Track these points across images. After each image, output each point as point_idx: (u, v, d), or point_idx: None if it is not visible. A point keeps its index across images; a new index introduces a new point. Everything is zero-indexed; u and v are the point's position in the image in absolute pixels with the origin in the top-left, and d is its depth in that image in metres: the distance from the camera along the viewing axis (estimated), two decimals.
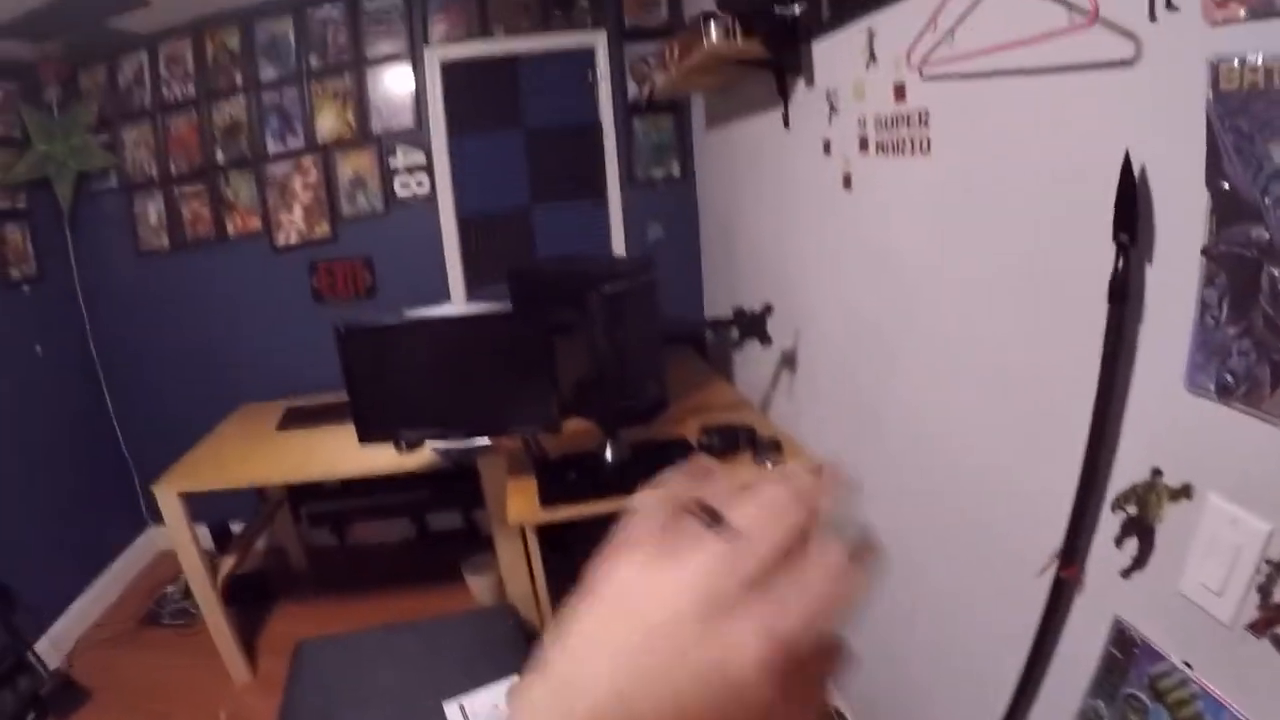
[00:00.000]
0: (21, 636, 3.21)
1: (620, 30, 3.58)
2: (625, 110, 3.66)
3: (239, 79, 3.65)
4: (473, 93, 3.62)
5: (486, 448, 2.77)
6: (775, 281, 2.65)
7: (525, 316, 2.64)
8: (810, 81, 2.14)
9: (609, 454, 2.50)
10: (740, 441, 2.47)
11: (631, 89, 3.64)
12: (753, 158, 2.80)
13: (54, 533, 3.72)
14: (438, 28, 3.52)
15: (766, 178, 2.67)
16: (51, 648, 3.45)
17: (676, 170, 3.76)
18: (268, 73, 3.62)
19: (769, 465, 2.31)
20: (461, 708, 2.21)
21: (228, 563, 3.28)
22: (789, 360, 2.58)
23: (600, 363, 2.44)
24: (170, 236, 3.90)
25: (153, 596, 3.85)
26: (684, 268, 3.80)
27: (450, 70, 3.58)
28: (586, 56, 3.60)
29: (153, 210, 3.89)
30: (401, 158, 3.66)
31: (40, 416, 3.74)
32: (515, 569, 2.78)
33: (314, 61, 3.58)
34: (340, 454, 2.92)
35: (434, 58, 3.54)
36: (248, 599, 3.66)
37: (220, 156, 3.77)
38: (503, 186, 3.73)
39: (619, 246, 3.79)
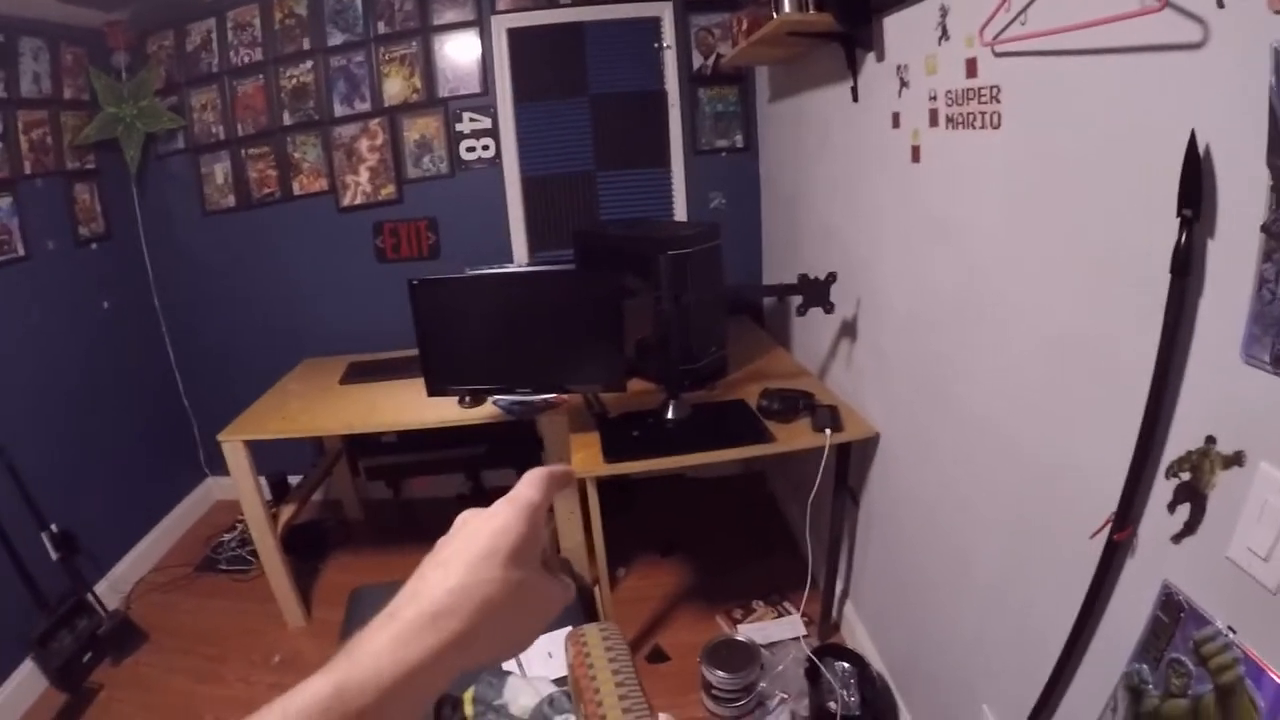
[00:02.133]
0: (82, 579, 3.41)
1: (686, 0, 3.68)
2: (690, 80, 3.77)
3: (306, 44, 3.81)
4: (539, 59, 3.75)
5: (549, 403, 2.90)
6: (839, 251, 2.73)
7: (593, 275, 2.77)
8: (880, 56, 2.20)
9: (670, 413, 2.63)
10: (799, 407, 2.58)
11: (696, 58, 3.74)
12: (819, 130, 2.88)
13: (116, 481, 3.94)
14: None
15: (833, 149, 2.75)
16: (111, 590, 3.68)
17: (740, 140, 3.86)
18: (335, 38, 3.78)
19: (826, 433, 2.45)
20: None
21: (287, 511, 3.48)
22: (849, 329, 2.67)
23: (665, 324, 2.57)
24: (237, 196, 4.10)
25: (209, 544, 4.10)
26: (744, 237, 3.90)
27: (517, 36, 3.70)
28: (652, 25, 3.71)
29: (219, 171, 4.09)
30: (467, 122, 3.80)
31: (105, 369, 3.96)
32: (569, 524, 2.91)
33: (381, 27, 3.72)
34: (402, 407, 3.07)
35: (500, 25, 3.67)
36: (303, 549, 3.86)
37: (287, 119, 3.93)
38: (567, 152, 3.86)
39: (680, 214, 3.92)
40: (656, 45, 3.74)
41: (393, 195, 3.97)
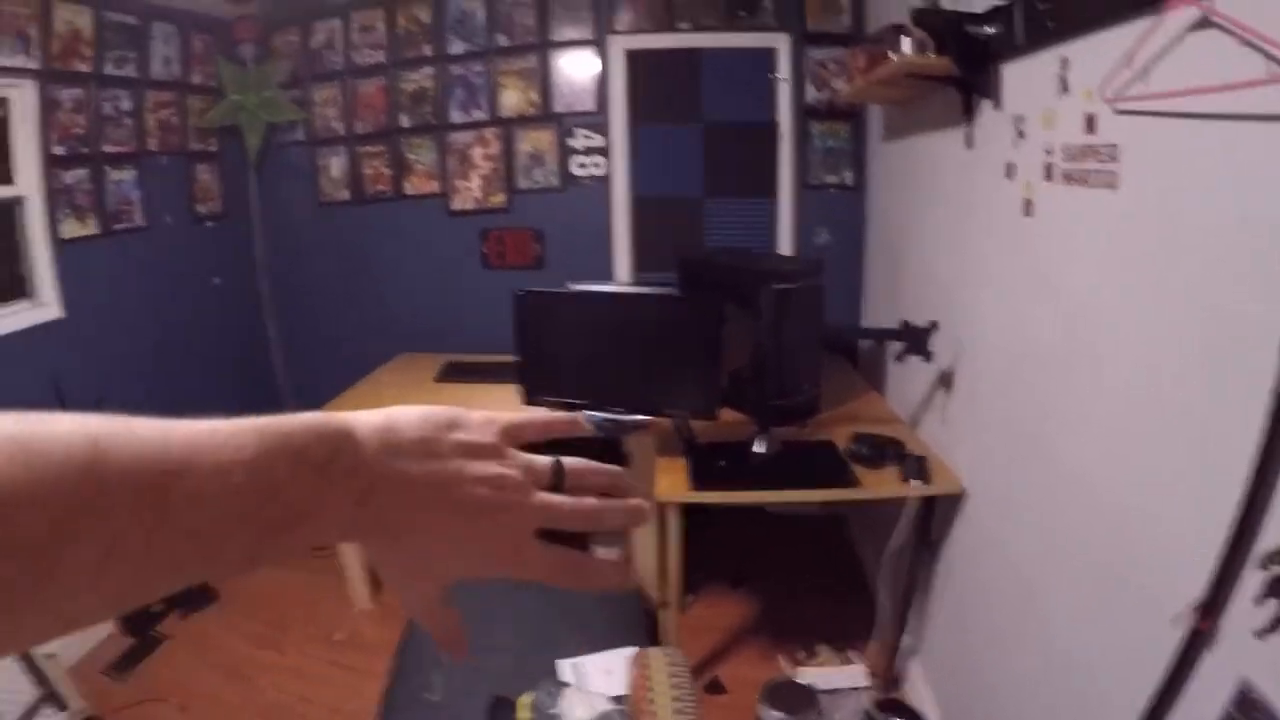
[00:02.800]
0: None
1: (803, 34, 3.69)
2: (803, 113, 3.78)
3: (427, 50, 3.97)
4: (655, 82, 3.83)
5: (641, 424, 2.93)
6: (940, 298, 2.71)
7: (697, 302, 2.78)
8: (998, 104, 2.19)
9: (759, 447, 2.61)
10: (888, 454, 2.56)
11: (810, 92, 3.76)
12: (930, 174, 2.87)
13: None
14: (623, 17, 3.73)
15: (942, 195, 2.73)
16: None
17: (849, 178, 3.85)
18: (455, 47, 3.92)
19: (912, 483, 2.43)
20: (574, 667, 2.33)
21: None
22: (946, 380, 2.64)
23: (763, 357, 2.57)
24: (351, 190, 4.29)
25: None
26: (846, 276, 3.88)
27: (634, 58, 3.79)
28: (768, 56, 3.74)
29: (335, 164, 4.28)
30: (580, 139, 3.90)
31: (208, 341, 4.22)
32: (645, 545, 2.94)
33: (501, 40, 3.85)
34: (493, 411, 3.15)
35: (618, 46, 3.76)
36: None
37: (404, 121, 4.09)
38: (677, 176, 3.92)
39: (785, 247, 3.93)
40: (771, 76, 3.77)
41: (502, 204, 4.09)
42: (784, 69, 3.76)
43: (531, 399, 2.86)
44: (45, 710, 2.83)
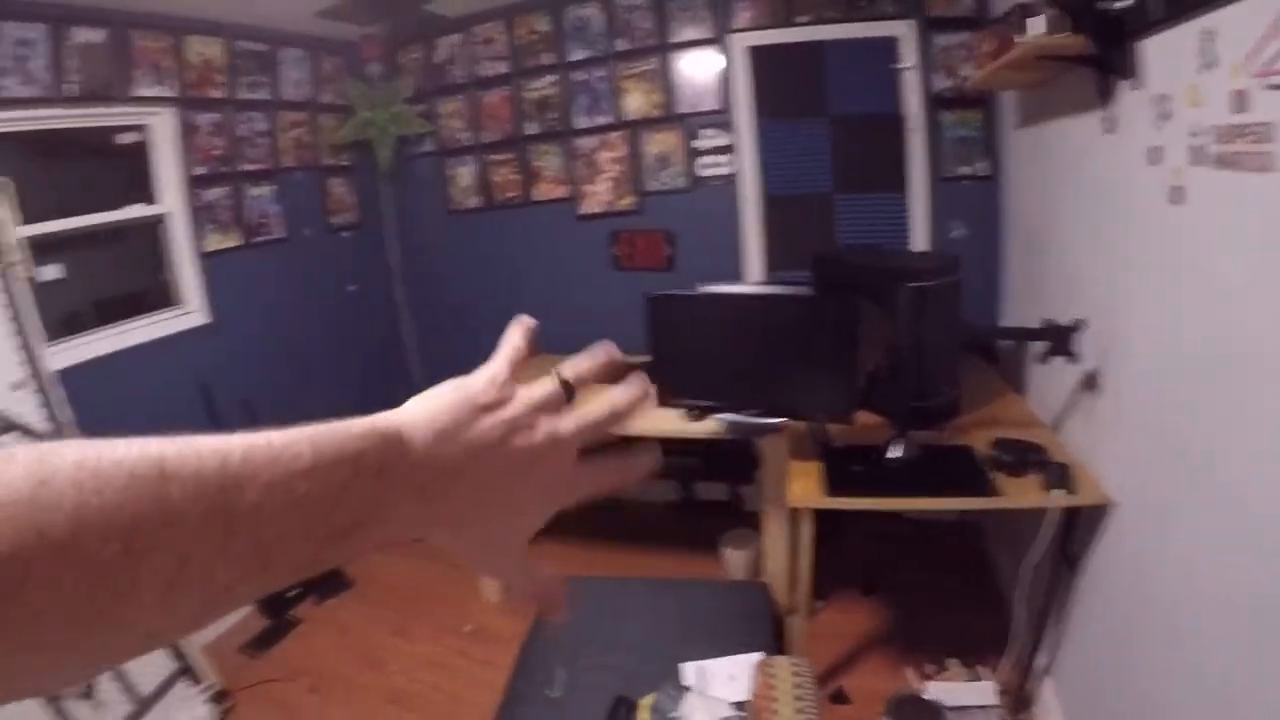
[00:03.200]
0: None
1: (925, 20, 3.55)
2: (932, 102, 3.64)
3: (549, 59, 4.04)
4: (778, 78, 3.77)
5: (773, 427, 2.89)
6: (1085, 296, 2.55)
7: (831, 302, 2.73)
8: (1137, 83, 2.04)
9: (896, 451, 2.49)
10: (1029, 461, 2.43)
11: (938, 80, 3.61)
12: (1068, 162, 2.71)
13: None
14: (742, 14, 3.69)
15: (1082, 184, 2.57)
16: None
17: (983, 168, 3.68)
18: (576, 54, 3.97)
19: (1054, 493, 2.29)
20: (699, 670, 2.33)
21: None
22: (1092, 382, 2.47)
23: (900, 358, 2.51)
24: (480, 198, 4.43)
25: None
26: (983, 272, 3.71)
27: (755, 54, 3.74)
28: (892, 45, 3.61)
29: (464, 174, 4.43)
30: (706, 139, 3.88)
31: (346, 346, 4.47)
32: (775, 548, 2.91)
33: (621, 44, 3.87)
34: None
35: (739, 43, 3.72)
36: None
37: (530, 129, 4.18)
38: (805, 173, 3.85)
39: (918, 243, 3.80)
40: (896, 66, 3.65)
41: (632, 206, 4.12)
42: (909, 57, 3.62)
43: (663, 401, 2.88)
44: (181, 682, 3.04)
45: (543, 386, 0.51)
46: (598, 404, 0.52)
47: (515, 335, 0.56)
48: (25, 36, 3.01)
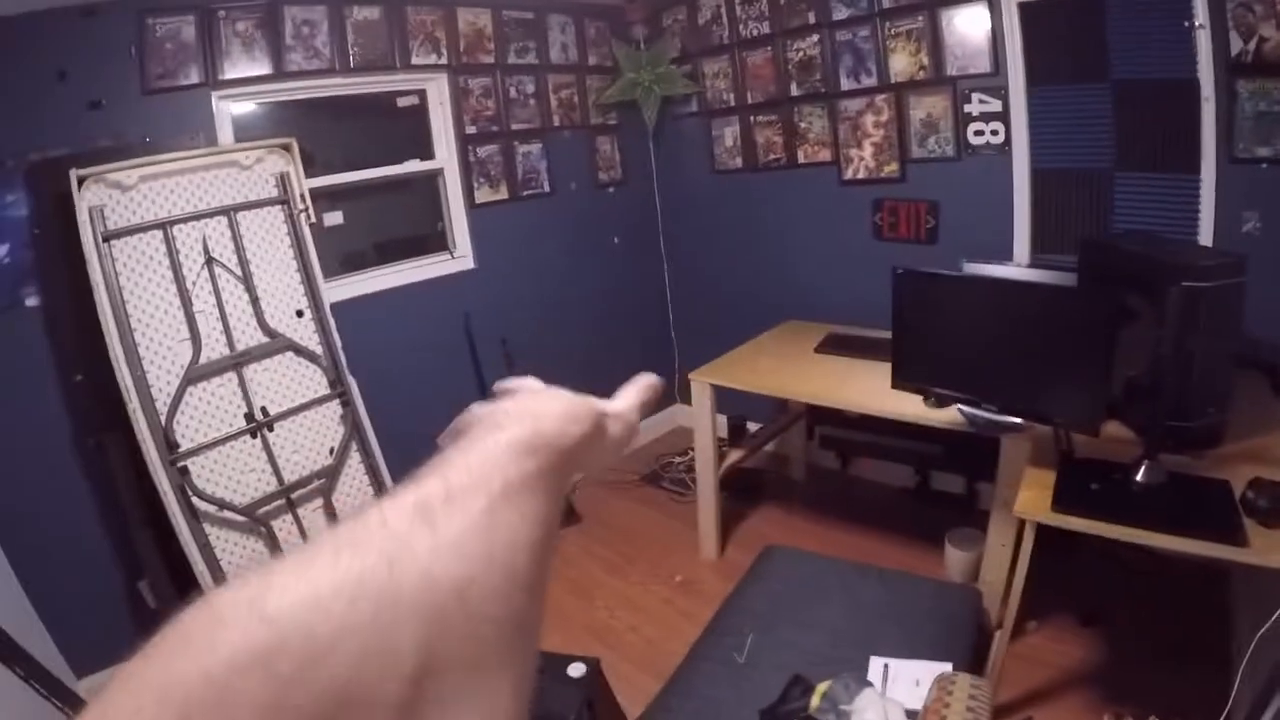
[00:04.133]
0: None
1: None
2: (1227, 69, 2.90)
3: (812, 18, 3.81)
4: (1054, 38, 3.25)
5: (1016, 426, 2.60)
6: None
7: (1091, 296, 2.40)
8: None
9: (1141, 475, 2.18)
10: None
11: (1234, 42, 2.86)
12: None
13: (597, 386, 4.45)
14: None
15: None
16: None
17: None
18: (840, 12, 3.70)
19: None
20: (886, 667, 2.22)
21: (734, 455, 3.70)
22: None
23: (1161, 368, 2.13)
24: (744, 158, 4.32)
25: (659, 461, 4.56)
26: (1276, 275, 2.94)
27: (1029, 10, 3.24)
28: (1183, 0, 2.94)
29: (729, 134, 4.33)
30: (976, 104, 3.46)
31: (608, 293, 4.62)
32: (997, 556, 2.65)
33: (885, 1, 3.55)
34: (867, 389, 2.99)
35: None
36: (740, 492, 4.07)
37: (794, 90, 3.98)
38: (1083, 145, 3.30)
39: (1205, 234, 3.11)
40: (1186, 24, 2.94)
41: (895, 173, 3.81)
42: (1201, 14, 2.90)
43: (901, 382, 2.70)
44: None
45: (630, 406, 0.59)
46: (631, 395, 0.61)
47: (648, 389, 0.62)
48: (308, 17, 3.33)
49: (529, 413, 0.43)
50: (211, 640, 0.25)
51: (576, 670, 2.41)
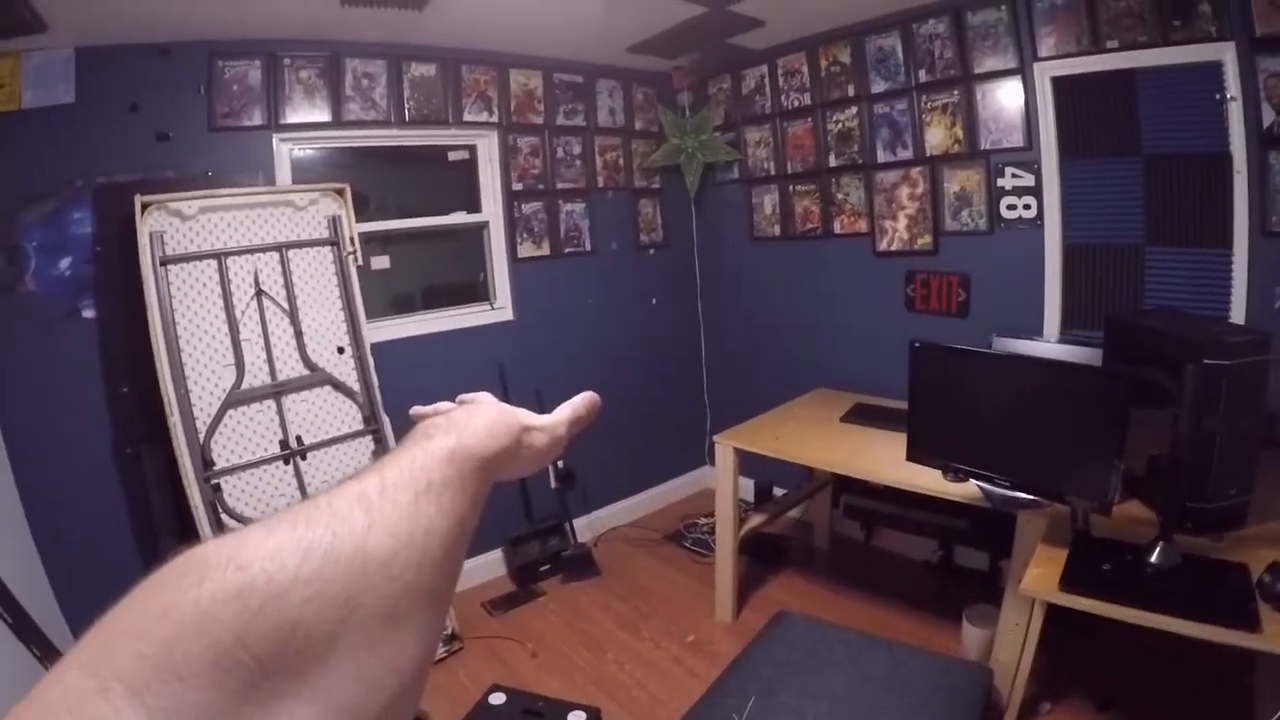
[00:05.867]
0: (567, 509, 4.08)
1: (1251, 39, 2.70)
2: (1260, 140, 2.77)
3: (851, 90, 3.78)
4: (1086, 112, 3.15)
5: (1032, 502, 2.45)
6: None
7: (1109, 374, 2.29)
8: None
9: (1154, 556, 2.04)
10: None
11: (1266, 113, 2.74)
12: None
13: (627, 445, 4.49)
14: (1046, 41, 3.13)
15: None
16: (587, 527, 4.29)
17: None
18: (878, 85, 3.67)
19: None
20: None
21: (755, 519, 3.59)
22: None
23: (1180, 448, 1.99)
24: (782, 227, 4.27)
25: (683, 521, 4.44)
26: None
27: (1062, 85, 3.16)
28: (1213, 72, 2.81)
29: (768, 202, 4.30)
30: (1009, 178, 3.36)
31: (644, 353, 4.56)
32: (1010, 635, 2.47)
33: (922, 75, 3.50)
34: (889, 461, 2.87)
35: (1043, 73, 3.16)
36: (761, 556, 3.97)
37: (833, 160, 3.94)
38: (1115, 220, 3.16)
39: (1237, 311, 2.93)
40: (1218, 97, 2.81)
41: (929, 246, 3.70)
42: (1232, 86, 2.77)
43: (916, 455, 2.60)
44: None
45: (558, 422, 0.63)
46: (564, 411, 0.64)
47: (583, 405, 0.66)
48: (368, 70, 3.42)
49: (458, 425, 0.50)
50: (200, 578, 0.32)
51: (576, 718, 2.32)
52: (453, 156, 3.80)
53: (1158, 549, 2.03)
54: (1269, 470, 2.29)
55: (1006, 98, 3.28)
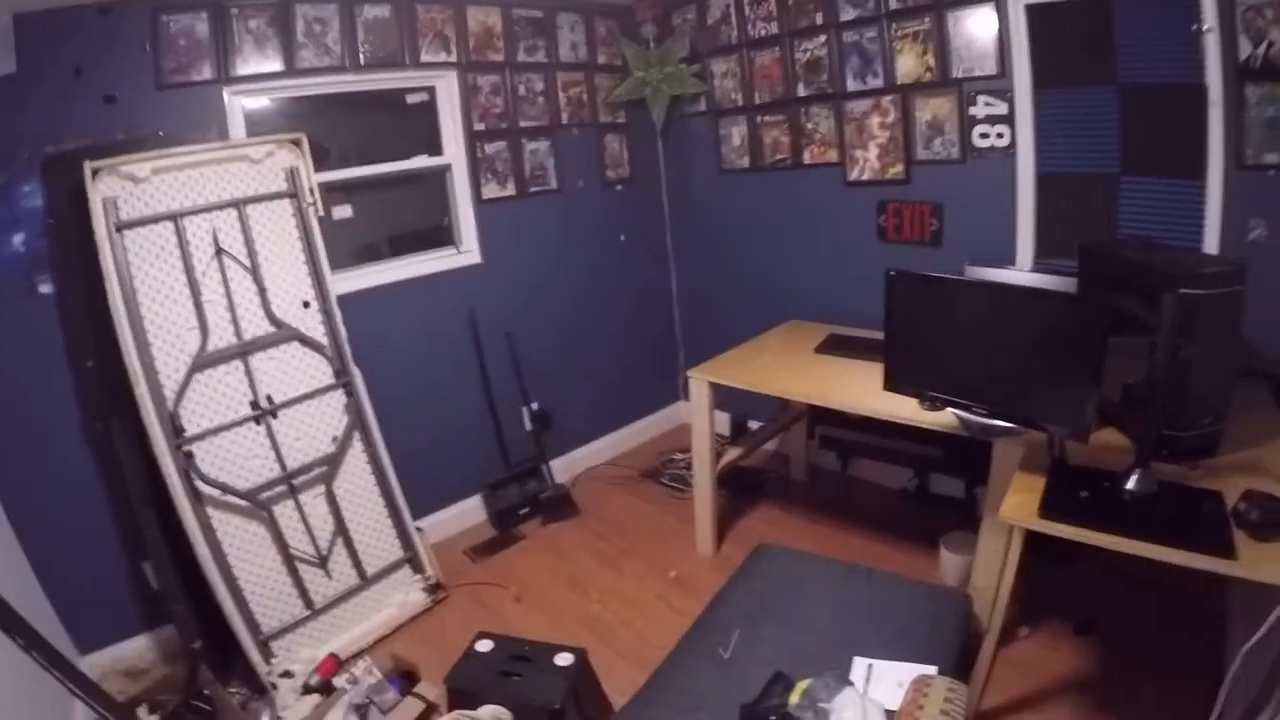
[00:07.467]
0: (544, 452, 4.12)
1: None
2: (1235, 73, 2.74)
3: (819, 19, 3.69)
4: (1061, 40, 3.09)
5: (1009, 431, 2.49)
6: None
7: (1087, 303, 2.29)
8: None
9: (1131, 483, 2.07)
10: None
11: (1244, 46, 2.69)
12: None
13: (600, 383, 4.54)
14: None
15: None
16: (564, 468, 4.32)
17: None
18: (847, 13, 3.58)
19: None
20: (869, 667, 2.15)
21: (732, 453, 3.62)
22: None
23: (1156, 376, 2.01)
24: (751, 158, 4.22)
25: (660, 458, 4.49)
26: None
27: (1036, 13, 3.09)
28: (1191, 1, 2.75)
29: (736, 134, 4.23)
30: (982, 107, 3.32)
31: (614, 290, 4.54)
32: (988, 562, 2.53)
33: (892, 2, 3.42)
34: (865, 390, 2.88)
35: (1017, 0, 3.10)
36: (738, 489, 4.02)
37: (802, 90, 3.87)
38: (1088, 150, 3.14)
39: (1210, 241, 2.94)
40: (1195, 28, 2.77)
41: (900, 175, 3.67)
42: (1209, 16, 2.73)
43: (893, 384, 2.62)
44: (404, 569, 3.36)
45: None
46: None
47: None
48: (320, 15, 3.28)
49: None
50: None
51: (564, 660, 2.37)
52: (411, 99, 3.68)
53: (1134, 476, 2.07)
54: (1242, 400, 2.33)
55: (979, 25, 3.22)
